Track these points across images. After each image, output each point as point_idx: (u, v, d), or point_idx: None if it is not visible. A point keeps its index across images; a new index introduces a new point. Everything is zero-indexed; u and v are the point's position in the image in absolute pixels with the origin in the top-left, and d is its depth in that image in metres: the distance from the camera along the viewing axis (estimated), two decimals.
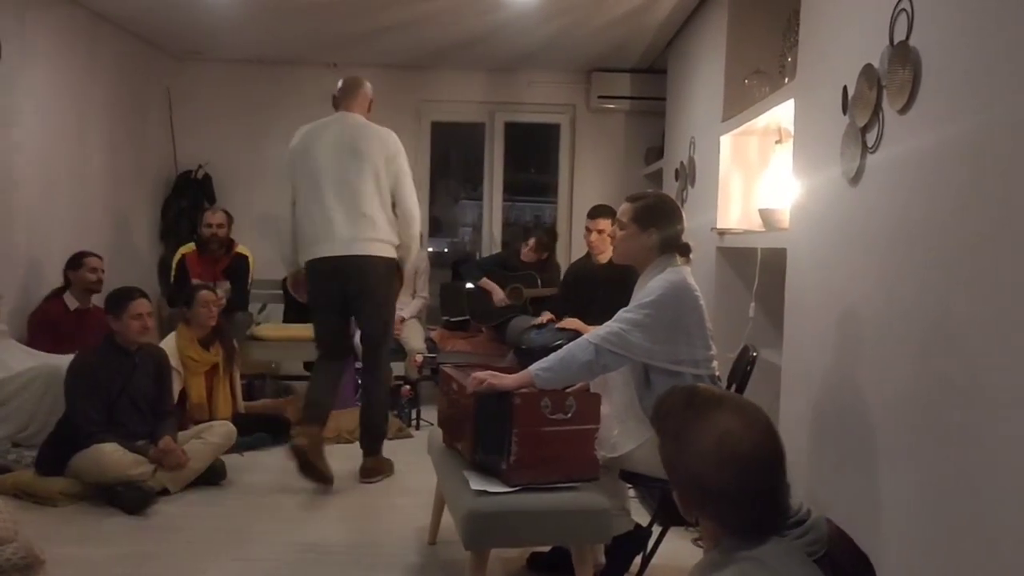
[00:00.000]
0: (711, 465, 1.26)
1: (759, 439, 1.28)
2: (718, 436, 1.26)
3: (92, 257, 4.54)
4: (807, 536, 1.28)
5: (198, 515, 3.53)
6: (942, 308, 2.04)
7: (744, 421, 1.29)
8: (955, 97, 2.01)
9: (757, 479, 1.26)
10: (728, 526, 1.30)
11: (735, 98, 4.16)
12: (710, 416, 1.29)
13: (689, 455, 1.29)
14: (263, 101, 6.50)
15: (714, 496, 1.27)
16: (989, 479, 1.81)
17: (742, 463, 1.25)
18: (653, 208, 2.63)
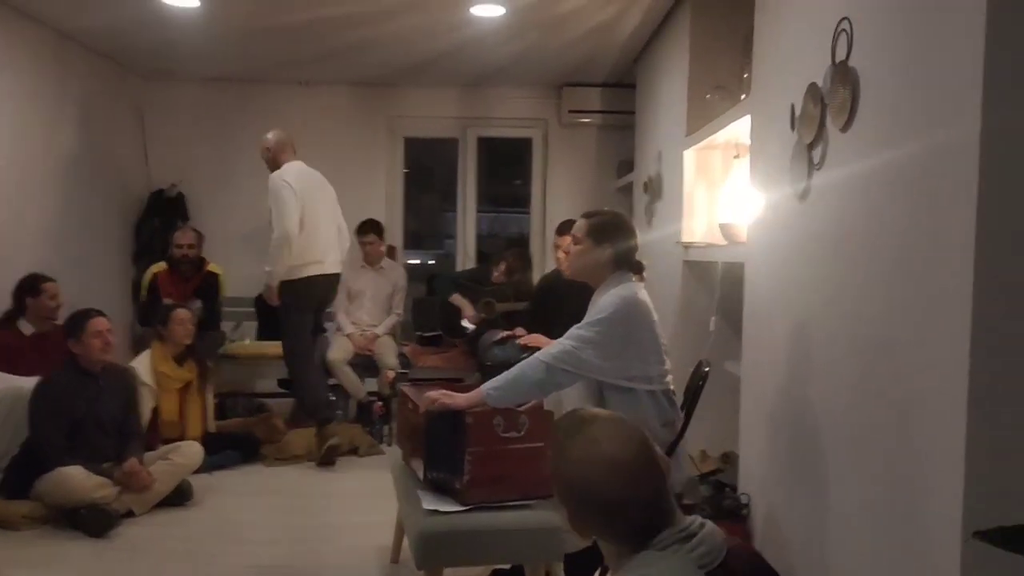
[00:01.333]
0: (585, 471, 1.32)
1: (627, 445, 1.34)
2: (589, 443, 1.34)
3: (49, 282, 4.40)
4: (699, 549, 1.30)
5: (161, 537, 3.51)
6: (879, 324, 2.07)
7: (614, 430, 1.37)
8: (890, 117, 2.05)
9: (629, 484, 1.30)
10: (613, 538, 1.35)
11: (698, 113, 4.20)
12: (584, 428, 1.38)
13: (567, 465, 1.36)
14: (235, 119, 6.49)
15: (592, 505, 1.33)
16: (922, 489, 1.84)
17: (611, 466, 1.31)
18: (607, 225, 2.65)
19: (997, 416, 1.65)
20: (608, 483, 1.30)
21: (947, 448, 1.72)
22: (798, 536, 2.63)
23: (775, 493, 2.89)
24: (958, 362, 1.68)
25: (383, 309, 5.72)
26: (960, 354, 1.67)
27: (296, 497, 4.11)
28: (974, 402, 1.65)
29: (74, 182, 5.42)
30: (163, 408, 4.36)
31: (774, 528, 2.88)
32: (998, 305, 1.64)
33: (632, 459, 1.31)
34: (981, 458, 1.65)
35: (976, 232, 1.64)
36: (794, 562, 2.65)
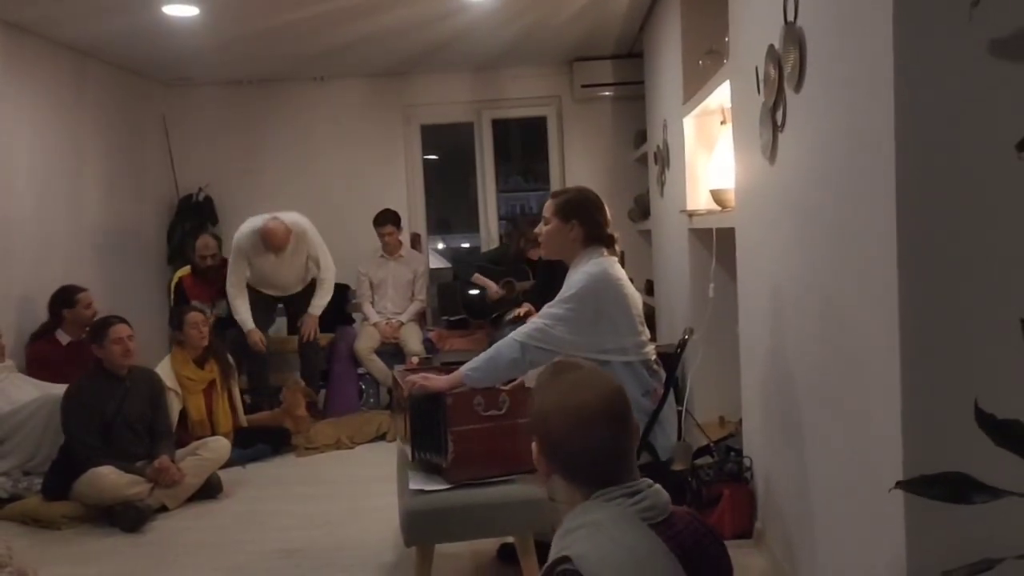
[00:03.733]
0: (557, 411, 1.42)
1: (601, 397, 1.42)
2: (567, 386, 1.44)
3: (83, 292, 4.65)
4: (643, 503, 1.36)
5: (190, 529, 3.68)
6: (830, 283, 2.08)
7: (593, 380, 1.46)
8: (833, 76, 2.04)
9: (594, 432, 1.39)
10: (570, 481, 1.43)
11: (692, 80, 4.17)
12: (564, 376, 1.48)
13: (542, 404, 1.46)
14: (255, 120, 6.66)
15: (556, 445, 1.42)
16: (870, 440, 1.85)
17: (581, 413, 1.39)
18: (573, 202, 2.68)
19: (928, 366, 1.65)
20: (575, 427, 1.40)
21: (886, 402, 1.73)
22: (788, 496, 2.65)
23: (770, 454, 2.91)
24: (888, 316, 1.69)
25: (406, 297, 5.83)
26: (890, 308, 1.68)
27: (322, 485, 4.25)
28: (905, 354, 1.66)
29: (105, 193, 5.64)
30: (191, 409, 4.52)
31: (771, 488, 2.90)
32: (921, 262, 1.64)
33: (602, 410, 1.40)
34: (915, 409, 1.66)
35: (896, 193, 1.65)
36: (786, 518, 2.67)
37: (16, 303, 4.71)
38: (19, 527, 3.72)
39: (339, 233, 6.31)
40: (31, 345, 4.65)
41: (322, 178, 6.63)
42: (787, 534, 2.67)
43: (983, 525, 1.54)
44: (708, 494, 3.18)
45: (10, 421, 4.14)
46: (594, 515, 1.38)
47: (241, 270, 5.26)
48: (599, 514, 1.38)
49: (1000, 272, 1.62)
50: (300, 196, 6.34)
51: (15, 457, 4.14)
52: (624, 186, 6.37)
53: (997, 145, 1.58)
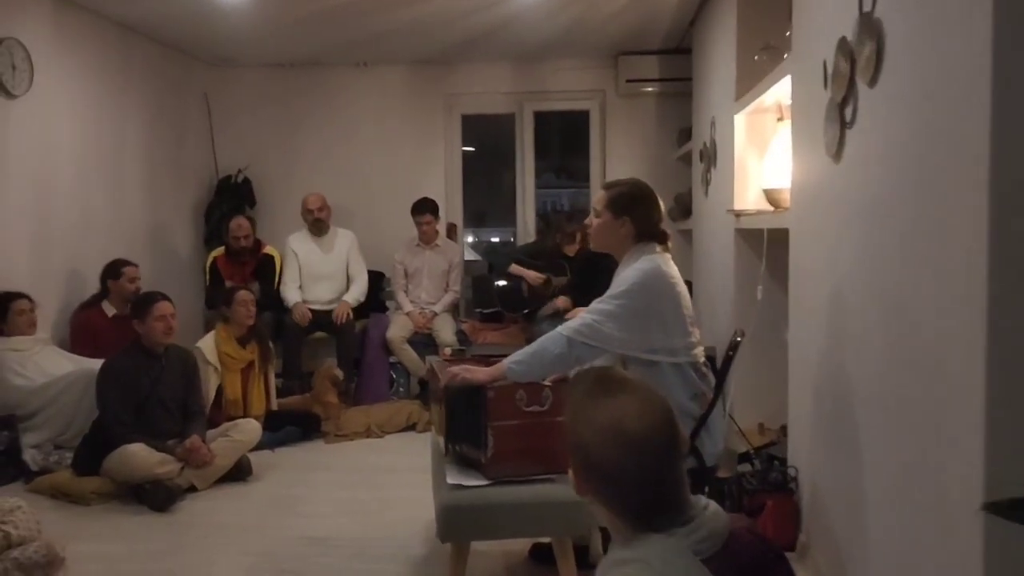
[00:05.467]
0: (600, 439, 1.27)
1: (652, 422, 1.27)
2: (612, 412, 1.28)
3: (130, 267, 4.70)
4: (697, 533, 1.25)
5: (219, 511, 3.65)
6: (907, 289, 1.97)
7: (641, 403, 1.30)
8: (914, 70, 1.93)
9: (640, 459, 1.25)
10: (616, 512, 1.30)
11: (746, 76, 4.05)
12: (613, 394, 1.31)
13: (583, 427, 1.31)
14: (297, 104, 6.62)
15: (600, 473, 1.28)
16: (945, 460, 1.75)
17: (627, 440, 1.25)
18: (627, 195, 2.59)
19: (1017, 387, 1.54)
20: (622, 458, 1.25)
21: (967, 418, 1.62)
22: (839, 508, 2.54)
23: (819, 466, 2.80)
24: (975, 327, 1.58)
25: (440, 287, 5.77)
26: (977, 319, 1.57)
27: (351, 472, 4.20)
28: (992, 367, 1.55)
29: (145, 171, 5.64)
30: (227, 388, 4.52)
31: (819, 500, 2.79)
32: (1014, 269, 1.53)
33: (652, 439, 1.25)
34: (1001, 429, 1.56)
35: (989, 194, 1.54)
36: (837, 536, 2.56)
37: (56, 277, 4.72)
38: (48, 501, 3.71)
39: (376, 220, 6.30)
40: (77, 314, 4.70)
41: (361, 164, 6.58)
42: (836, 549, 2.56)
43: None
44: (750, 503, 3.08)
45: (43, 394, 4.14)
46: (642, 551, 1.24)
47: (293, 265, 5.57)
48: (647, 550, 1.24)
49: None
50: (338, 181, 6.31)
51: (47, 430, 4.14)
52: (664, 184, 6.16)
53: None
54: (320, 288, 5.59)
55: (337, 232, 5.72)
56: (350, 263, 5.69)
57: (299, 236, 5.67)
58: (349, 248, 5.71)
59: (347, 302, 5.49)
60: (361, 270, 5.71)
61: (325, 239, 5.65)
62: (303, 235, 5.67)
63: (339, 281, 5.66)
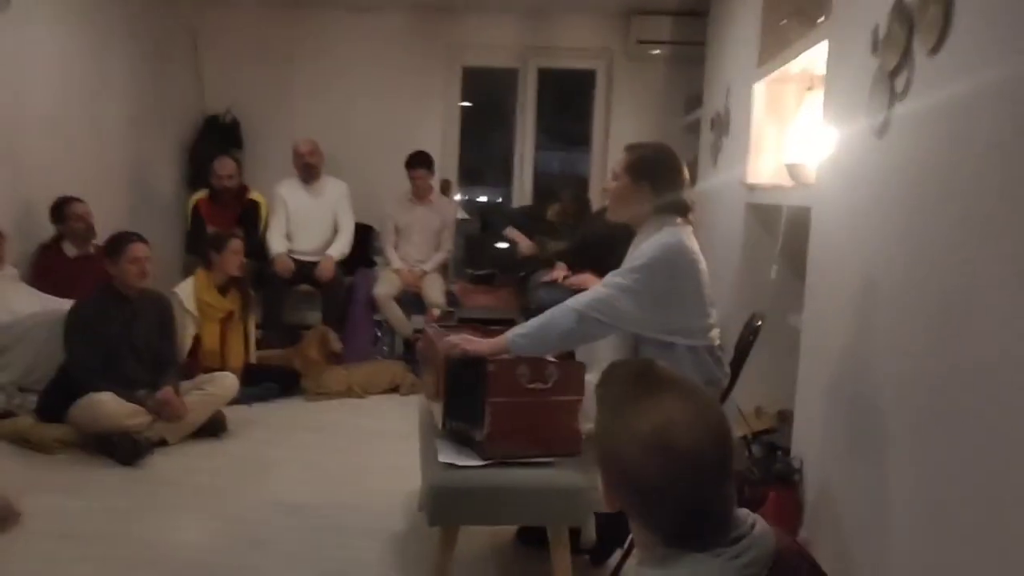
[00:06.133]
0: (639, 449, 1.08)
1: (702, 436, 1.08)
2: (657, 419, 1.08)
3: (75, 203, 4.34)
4: (743, 556, 1.07)
5: (191, 469, 3.45)
6: (958, 281, 1.78)
7: (692, 412, 1.09)
8: (989, 35, 1.72)
9: (686, 479, 1.06)
10: (649, 527, 1.12)
11: (771, 42, 3.82)
12: (657, 396, 1.11)
13: (620, 432, 1.11)
14: (289, 46, 6.31)
15: (635, 486, 1.10)
16: (1003, 478, 1.57)
17: (672, 456, 1.06)
18: (650, 160, 2.38)
19: None
20: (661, 474, 1.06)
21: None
22: (854, 512, 2.38)
23: (830, 461, 2.63)
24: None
25: (432, 245, 5.55)
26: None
27: (330, 435, 4.01)
28: None
29: (127, 106, 5.34)
30: (204, 337, 4.31)
31: (827, 501, 2.63)
32: None
33: (702, 457, 1.06)
34: None
35: None
36: (847, 537, 2.41)
37: (30, 211, 4.43)
38: (8, 447, 3.51)
39: (368, 172, 6.04)
40: (37, 255, 4.40)
41: (355, 113, 6.30)
42: (844, 549, 2.41)
43: None
44: (752, 494, 2.92)
45: (8, 332, 3.90)
46: (676, 571, 1.08)
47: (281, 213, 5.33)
48: (684, 572, 1.07)
49: None
50: (330, 129, 6.03)
51: (11, 371, 3.90)
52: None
53: None
54: (307, 237, 5.36)
55: (328, 181, 5.48)
56: (339, 214, 5.45)
57: (288, 183, 5.42)
58: (339, 198, 5.47)
59: (331, 256, 5.25)
60: (349, 222, 5.47)
61: (315, 187, 5.40)
62: (293, 182, 5.42)
63: (327, 231, 5.42)
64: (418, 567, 2.64)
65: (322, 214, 5.42)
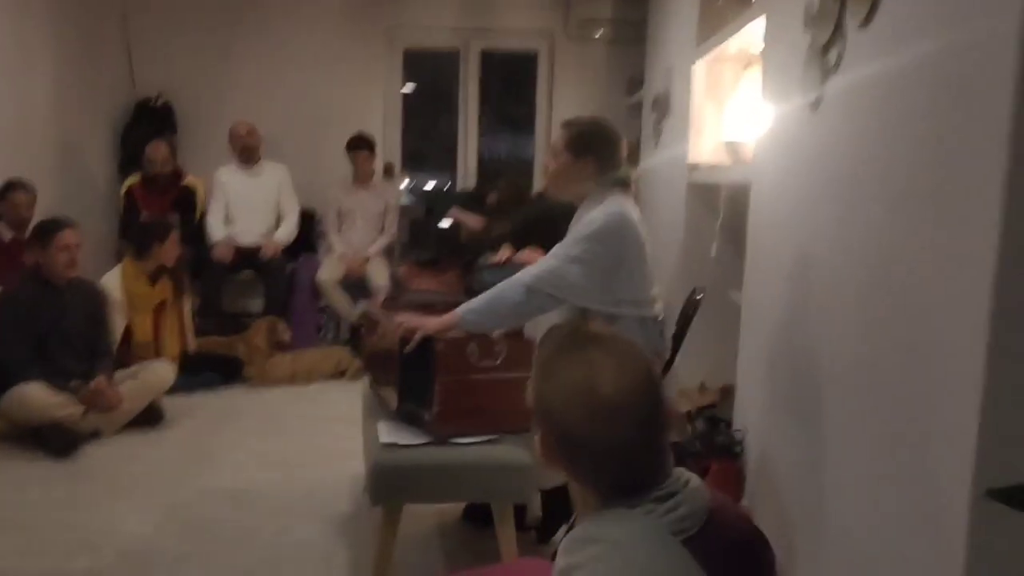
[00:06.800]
0: (567, 400, 1.11)
1: (626, 385, 1.10)
2: (583, 370, 1.11)
3: (19, 191, 4.14)
4: (677, 511, 1.08)
5: (128, 459, 3.37)
6: (892, 255, 1.82)
7: (617, 363, 1.12)
8: (919, 8, 1.75)
9: (612, 427, 1.08)
10: (584, 480, 1.14)
11: (709, 21, 3.85)
12: (584, 350, 1.14)
13: (551, 387, 1.14)
14: (225, 27, 6.14)
15: (567, 438, 1.12)
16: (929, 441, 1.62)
17: (597, 404, 1.09)
18: (588, 134, 2.38)
19: (1021, 362, 1.41)
20: (592, 423, 1.09)
21: (960, 400, 1.49)
22: (792, 480, 2.43)
23: (770, 432, 2.69)
24: (979, 303, 1.43)
25: (375, 229, 5.49)
26: (982, 294, 1.43)
27: (273, 421, 3.95)
28: (995, 349, 1.41)
29: (53, 90, 5.14)
30: (136, 328, 4.17)
31: (767, 469, 2.69)
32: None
33: (628, 405, 1.09)
34: (999, 412, 1.42)
35: (1009, 149, 1.37)
36: (786, 503, 2.46)
37: None
38: None
39: (309, 156, 5.92)
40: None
41: (294, 96, 6.16)
42: (783, 516, 2.45)
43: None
44: (694, 467, 2.95)
45: None
46: (612, 529, 1.09)
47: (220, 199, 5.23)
48: (617, 529, 1.08)
49: None
50: (270, 113, 5.89)
51: None
52: None
53: None
54: (248, 222, 5.24)
55: (268, 164, 5.37)
56: (282, 198, 5.36)
57: (227, 168, 5.30)
58: (280, 182, 5.38)
59: (277, 240, 5.17)
60: (293, 207, 5.38)
61: (254, 170, 5.30)
62: (232, 167, 5.30)
63: (268, 216, 5.32)
64: (364, 548, 2.62)
65: (263, 198, 5.33)
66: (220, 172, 5.29)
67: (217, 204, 5.24)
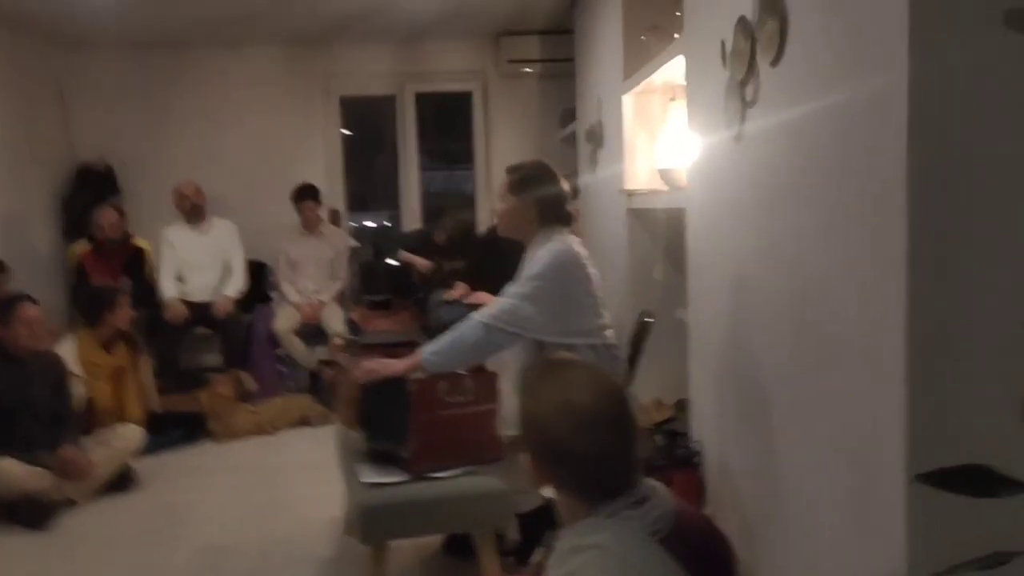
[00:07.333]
0: (549, 414, 1.29)
1: (599, 396, 1.30)
2: (562, 388, 1.30)
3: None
4: (652, 514, 1.25)
5: (105, 524, 3.40)
6: (814, 268, 2.02)
7: (590, 379, 1.33)
8: (820, 50, 1.96)
9: (591, 433, 1.27)
10: (568, 491, 1.31)
11: (634, 56, 4.08)
12: (560, 372, 1.35)
13: (534, 406, 1.33)
14: (163, 87, 6.23)
15: (551, 449, 1.29)
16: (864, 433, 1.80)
17: (576, 414, 1.27)
18: (530, 177, 2.56)
19: (937, 357, 1.60)
20: (572, 433, 1.26)
21: (887, 391, 1.67)
22: (748, 482, 2.61)
23: (725, 440, 2.86)
24: (895, 304, 1.62)
25: (327, 275, 5.58)
26: (896, 295, 1.62)
27: (246, 473, 4.01)
28: (913, 343, 1.60)
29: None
30: (96, 396, 4.16)
31: (726, 475, 2.86)
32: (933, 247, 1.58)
33: (603, 413, 1.27)
34: (922, 399, 1.61)
35: (908, 171, 1.57)
36: (745, 506, 2.63)
37: None
38: None
39: (255, 208, 6.01)
40: None
41: (236, 150, 6.27)
42: (744, 522, 2.62)
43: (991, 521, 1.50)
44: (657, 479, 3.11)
45: None
46: (597, 536, 1.25)
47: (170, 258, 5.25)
48: (603, 535, 1.25)
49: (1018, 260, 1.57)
50: (213, 170, 5.98)
51: None
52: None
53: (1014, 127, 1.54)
54: (199, 279, 5.29)
55: (215, 221, 5.44)
56: (230, 253, 5.42)
57: (175, 227, 5.35)
58: (228, 237, 5.44)
59: (228, 296, 5.22)
60: (240, 260, 5.44)
61: (202, 228, 5.35)
62: (179, 225, 5.35)
63: (218, 272, 5.37)
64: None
65: (212, 255, 5.38)
66: (167, 232, 5.34)
67: (167, 264, 5.28)
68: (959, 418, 1.59)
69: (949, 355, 1.59)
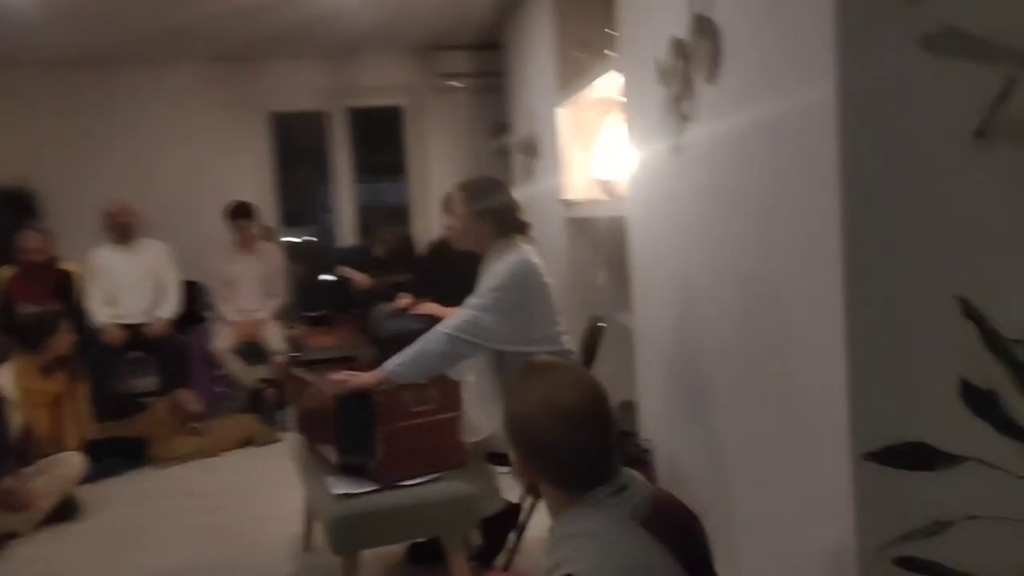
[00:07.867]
0: (534, 411, 1.38)
1: (580, 393, 1.39)
2: (544, 386, 1.39)
3: None
4: (632, 501, 1.35)
5: (51, 555, 3.33)
6: (756, 269, 2.16)
7: (571, 377, 1.42)
8: (757, 64, 2.11)
9: (576, 431, 1.35)
10: (555, 484, 1.40)
11: (568, 70, 4.22)
12: (542, 374, 1.44)
13: (519, 405, 1.41)
14: (85, 107, 6.08)
15: (538, 448, 1.38)
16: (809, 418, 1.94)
17: (559, 410, 1.36)
18: (479, 191, 2.66)
19: (874, 343, 1.75)
20: (555, 429, 1.35)
21: (829, 378, 1.81)
22: (700, 474, 2.74)
23: (675, 436, 2.99)
24: (833, 297, 1.77)
25: (263, 293, 5.53)
26: (834, 288, 1.76)
27: (194, 497, 3.96)
28: (852, 332, 1.74)
29: None
30: (35, 424, 4.05)
31: (676, 469, 2.99)
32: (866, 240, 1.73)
33: (583, 408, 1.36)
34: (862, 386, 1.75)
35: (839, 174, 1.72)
36: (699, 497, 2.76)
37: None
38: None
39: (186, 227, 5.92)
40: None
41: (165, 170, 6.17)
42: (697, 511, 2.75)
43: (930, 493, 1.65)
44: None
45: None
46: (586, 523, 1.35)
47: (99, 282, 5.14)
48: (591, 523, 1.35)
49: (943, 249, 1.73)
50: (141, 189, 5.86)
51: None
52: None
53: (937, 135, 1.70)
54: (130, 301, 5.17)
55: (145, 242, 5.34)
56: (162, 274, 5.32)
57: (103, 249, 5.23)
58: (159, 258, 5.35)
59: (163, 318, 5.13)
60: (173, 280, 5.35)
61: (132, 249, 5.25)
62: (107, 247, 5.23)
63: (151, 294, 5.27)
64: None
65: (143, 276, 5.27)
66: (95, 254, 5.21)
67: (96, 286, 5.16)
68: (897, 399, 1.74)
69: (886, 340, 1.75)
